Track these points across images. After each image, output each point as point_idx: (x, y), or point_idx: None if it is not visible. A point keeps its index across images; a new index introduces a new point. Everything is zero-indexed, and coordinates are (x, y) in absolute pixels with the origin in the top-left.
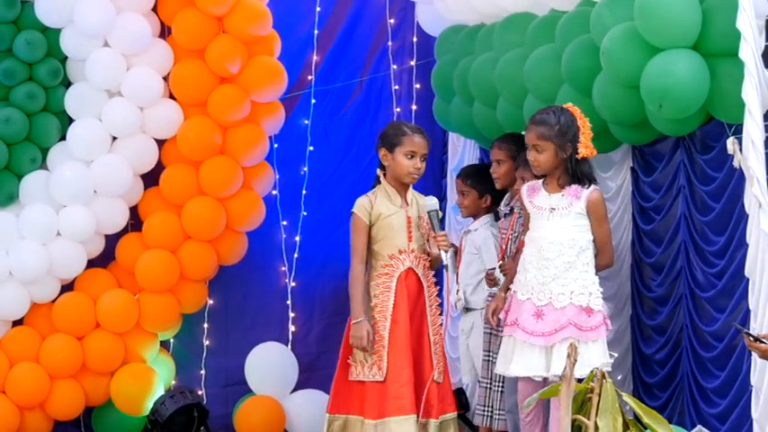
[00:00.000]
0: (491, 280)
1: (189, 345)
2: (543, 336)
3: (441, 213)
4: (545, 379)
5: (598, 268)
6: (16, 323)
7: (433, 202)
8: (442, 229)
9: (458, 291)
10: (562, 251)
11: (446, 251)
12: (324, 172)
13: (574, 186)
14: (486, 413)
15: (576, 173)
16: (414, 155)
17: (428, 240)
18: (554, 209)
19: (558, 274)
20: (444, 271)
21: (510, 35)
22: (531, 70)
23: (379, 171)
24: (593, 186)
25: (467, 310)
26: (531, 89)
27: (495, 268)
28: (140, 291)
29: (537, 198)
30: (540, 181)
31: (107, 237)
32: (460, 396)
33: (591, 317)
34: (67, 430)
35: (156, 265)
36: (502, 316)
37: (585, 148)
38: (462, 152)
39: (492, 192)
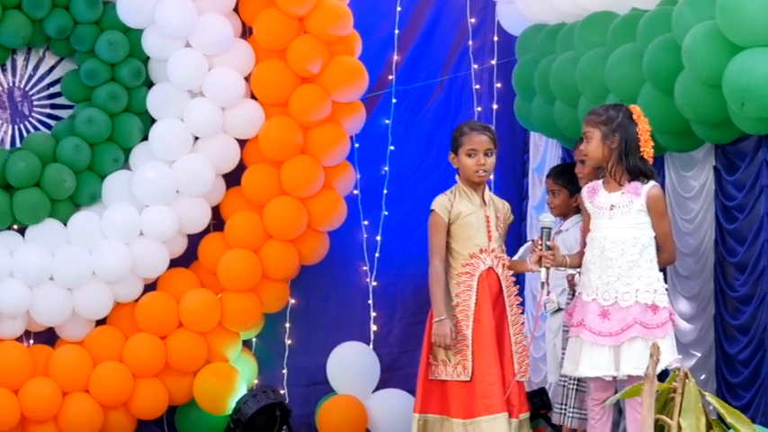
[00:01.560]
0: (572, 283)
1: (271, 344)
2: (611, 336)
3: (552, 231)
4: (614, 378)
5: (660, 264)
6: (100, 323)
7: (548, 219)
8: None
9: (548, 292)
10: (624, 250)
11: (547, 268)
12: (405, 171)
13: (633, 183)
14: (562, 411)
15: (633, 170)
16: (474, 152)
17: (532, 254)
18: (614, 206)
19: (621, 273)
20: (541, 287)
21: (591, 34)
22: (612, 69)
23: (457, 176)
24: (651, 182)
25: (557, 310)
26: (612, 88)
27: (575, 273)
28: (223, 290)
29: (597, 198)
30: (601, 181)
31: (189, 236)
32: (543, 395)
33: (657, 314)
34: (151, 429)
35: (238, 264)
36: (565, 317)
37: (644, 146)
38: (544, 151)
39: None
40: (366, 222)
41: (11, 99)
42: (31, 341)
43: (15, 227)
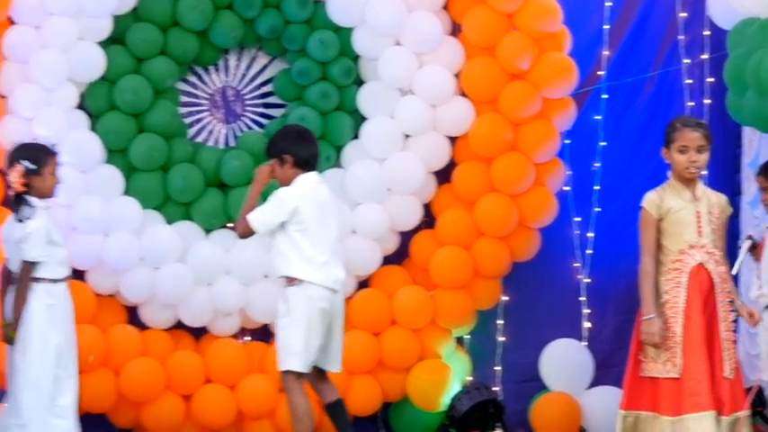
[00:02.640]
0: None
1: (483, 341)
2: None
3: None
4: None
5: None
6: None
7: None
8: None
9: (759, 286)
10: None
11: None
12: (616, 167)
13: None
14: None
15: None
16: (686, 149)
17: None
18: None
19: None
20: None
21: None
22: None
23: (669, 171)
24: None
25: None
26: None
27: None
28: (435, 287)
29: None
30: None
31: (401, 234)
32: (760, 394)
33: None
34: (365, 426)
35: (450, 261)
36: None
37: None
38: (758, 146)
39: None
40: (578, 219)
41: (224, 99)
42: (247, 338)
43: (230, 225)
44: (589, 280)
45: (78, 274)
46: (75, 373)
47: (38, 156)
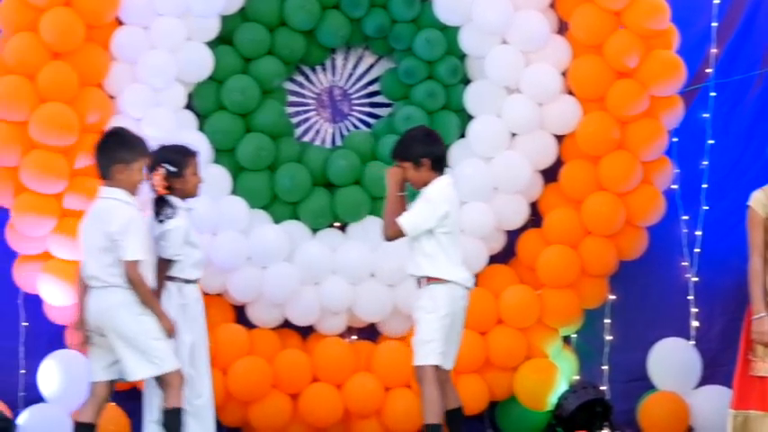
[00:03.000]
0: None
1: (590, 340)
2: None
3: None
4: None
5: None
6: None
7: None
8: None
9: None
10: None
11: None
12: (725, 165)
13: None
14: None
15: None
16: None
17: None
18: None
19: None
20: None
21: None
22: None
23: None
24: None
25: None
26: None
27: None
28: (542, 286)
29: None
30: None
31: (508, 233)
32: None
33: None
34: (472, 425)
35: (557, 260)
36: None
37: None
38: None
39: None
40: (686, 217)
41: (331, 98)
42: (354, 337)
43: (337, 224)
44: (697, 278)
45: None
46: (209, 373)
47: (178, 158)
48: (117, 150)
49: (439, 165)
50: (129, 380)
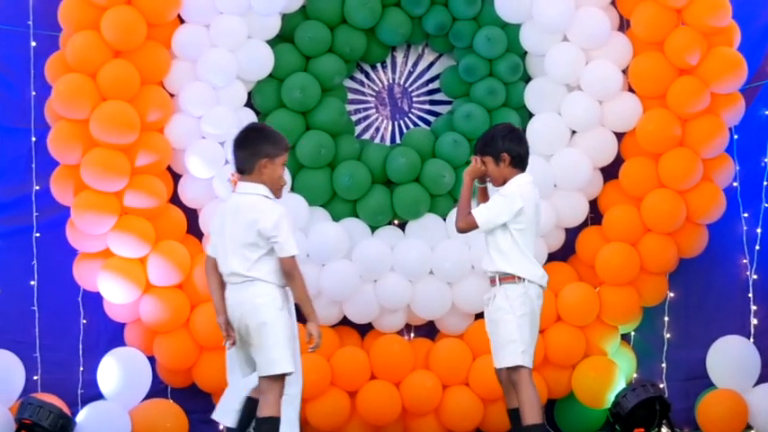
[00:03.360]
0: None
1: (649, 338)
2: None
3: None
4: None
5: None
6: (479, 316)
7: None
8: None
9: None
10: None
11: None
12: None
13: None
14: None
15: None
16: None
17: None
18: None
19: None
20: None
21: None
22: None
23: None
24: None
25: None
26: None
27: None
28: (601, 284)
29: None
30: None
31: (567, 230)
32: None
33: None
34: None
35: (616, 258)
36: None
37: None
38: None
39: None
40: (746, 215)
41: (390, 96)
42: (412, 335)
43: (396, 222)
44: (756, 276)
45: None
46: (299, 367)
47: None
48: (262, 145)
49: (520, 162)
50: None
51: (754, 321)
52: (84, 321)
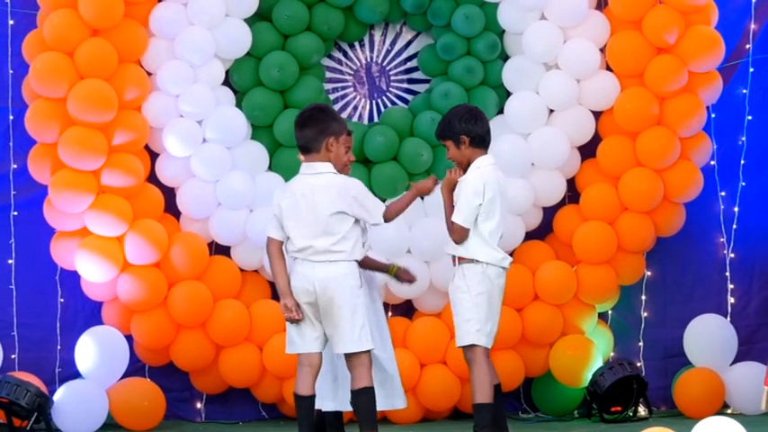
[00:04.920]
0: None
1: (627, 316)
2: None
3: None
4: None
5: None
6: None
7: None
8: None
9: None
10: None
11: None
12: (763, 141)
13: None
14: None
15: None
16: None
17: None
18: None
19: None
20: None
21: None
22: None
23: None
24: None
25: None
26: None
27: None
28: (578, 262)
29: None
30: None
31: (545, 209)
32: None
33: None
34: (507, 401)
35: (593, 236)
36: None
37: None
38: None
39: None
40: (723, 193)
41: (368, 74)
42: (390, 313)
43: None
44: (734, 255)
45: (223, 250)
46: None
47: None
48: (330, 123)
49: (481, 142)
50: (335, 351)
51: (731, 300)
52: (62, 300)
